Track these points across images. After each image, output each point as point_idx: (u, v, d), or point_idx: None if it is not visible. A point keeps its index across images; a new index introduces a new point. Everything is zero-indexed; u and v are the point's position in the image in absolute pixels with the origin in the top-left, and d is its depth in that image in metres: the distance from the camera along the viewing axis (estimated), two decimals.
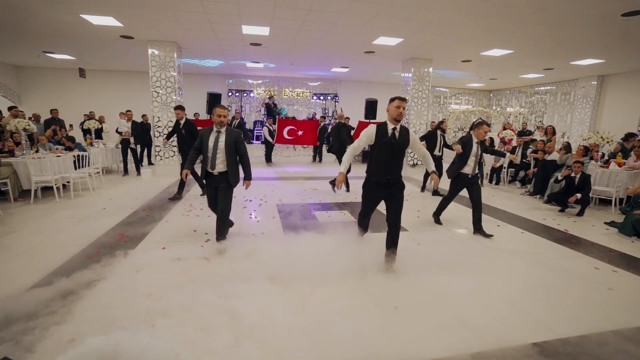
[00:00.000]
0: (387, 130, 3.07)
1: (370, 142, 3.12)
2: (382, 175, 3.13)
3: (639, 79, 10.14)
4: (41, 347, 2.08)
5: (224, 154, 3.54)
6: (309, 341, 2.20)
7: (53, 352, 2.00)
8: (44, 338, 2.15)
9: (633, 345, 2.28)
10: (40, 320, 2.33)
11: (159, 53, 7.99)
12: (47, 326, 2.26)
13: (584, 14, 5.47)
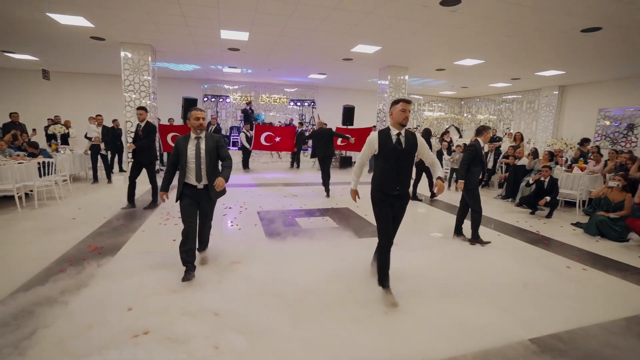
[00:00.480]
0: (390, 136, 2.75)
1: (374, 151, 2.79)
2: (391, 186, 2.78)
3: (595, 89, 10.92)
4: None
5: (207, 162, 3.08)
6: (311, 350, 2.17)
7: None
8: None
9: (615, 337, 2.45)
10: (4, 350, 2.11)
11: (132, 56, 7.71)
12: (11, 353, 2.08)
13: (548, 29, 5.83)
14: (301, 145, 11.78)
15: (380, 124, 10.44)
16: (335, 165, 12.21)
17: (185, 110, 10.07)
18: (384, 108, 10.18)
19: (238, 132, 13.33)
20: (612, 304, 2.95)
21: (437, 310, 2.67)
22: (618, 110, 10.51)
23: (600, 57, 7.65)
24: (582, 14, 5.11)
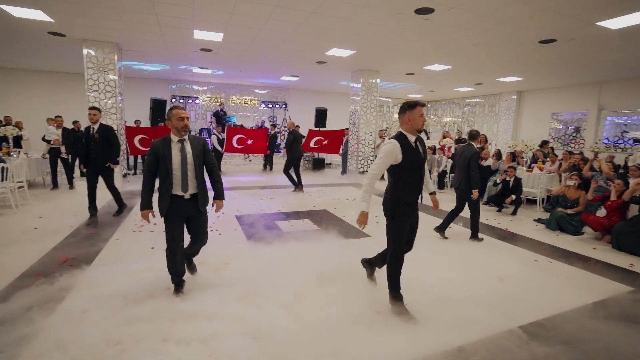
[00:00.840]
0: (410, 144, 2.57)
1: (396, 161, 2.57)
2: (415, 196, 2.68)
3: (548, 95, 11.82)
4: None
5: (194, 169, 2.76)
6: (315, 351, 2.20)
7: None
8: None
9: (588, 320, 2.71)
10: None
11: (96, 54, 7.29)
12: None
13: (511, 39, 6.25)
14: (274, 148, 11.72)
15: (352, 126, 10.61)
16: (308, 167, 12.26)
17: (154, 112, 9.65)
18: (356, 110, 10.36)
19: (208, 134, 12.98)
20: (579, 291, 3.23)
21: (425, 306, 2.78)
22: (568, 115, 11.45)
23: (554, 66, 8.31)
24: (540, 27, 5.53)
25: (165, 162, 2.67)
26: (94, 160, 4.99)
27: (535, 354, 2.26)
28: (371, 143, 10.47)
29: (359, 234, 4.80)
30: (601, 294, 3.19)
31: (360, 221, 2.64)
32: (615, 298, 3.13)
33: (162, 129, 9.36)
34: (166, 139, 2.71)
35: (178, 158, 2.70)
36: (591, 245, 4.69)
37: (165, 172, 2.68)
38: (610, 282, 3.47)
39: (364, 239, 4.65)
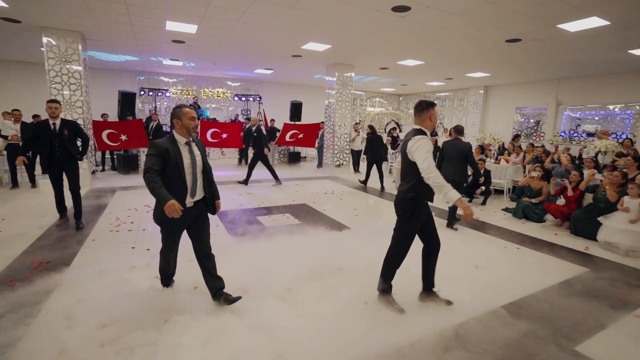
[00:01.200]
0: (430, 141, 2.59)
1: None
2: (433, 193, 2.63)
3: (513, 90, 12.47)
4: None
5: (201, 172, 2.57)
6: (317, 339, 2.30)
7: None
8: None
9: (557, 298, 3.05)
10: None
11: (57, 43, 6.83)
12: None
13: (480, 38, 6.55)
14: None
15: (328, 119, 10.69)
16: (283, 161, 12.24)
17: (122, 106, 9.19)
18: (331, 104, 10.44)
19: None
20: (545, 273, 3.55)
21: (411, 295, 2.94)
22: (530, 109, 12.17)
23: (518, 63, 8.79)
24: (507, 27, 5.85)
25: (176, 165, 2.39)
26: (59, 160, 4.42)
27: (519, 331, 2.50)
28: (346, 136, 10.62)
29: (340, 227, 4.94)
30: (564, 275, 3.52)
31: (469, 213, 2.43)
32: (576, 278, 3.47)
33: (131, 124, 8.98)
34: (172, 139, 2.44)
35: (188, 161, 2.47)
36: (552, 231, 5.10)
37: (174, 177, 2.41)
38: (570, 265, 3.82)
39: (345, 231, 4.79)
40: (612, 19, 5.17)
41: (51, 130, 4.34)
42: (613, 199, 4.52)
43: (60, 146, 4.40)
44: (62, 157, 4.43)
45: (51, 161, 4.43)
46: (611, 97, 9.86)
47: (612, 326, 2.64)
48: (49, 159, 4.40)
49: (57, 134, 4.36)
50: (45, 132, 4.31)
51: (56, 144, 4.38)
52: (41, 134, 4.31)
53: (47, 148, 4.33)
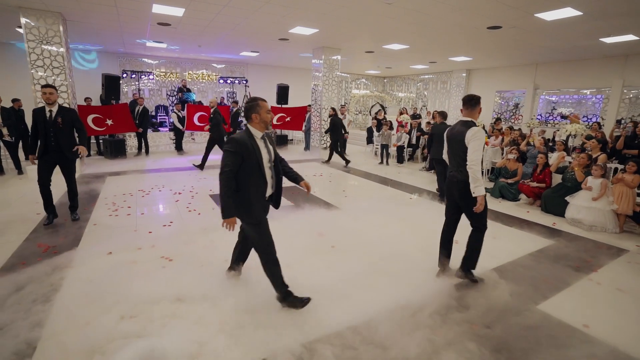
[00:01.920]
0: None
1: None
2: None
3: (493, 74, 12.85)
4: None
5: (276, 166, 2.54)
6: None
7: None
8: None
9: (532, 263, 3.55)
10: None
11: (37, 24, 6.62)
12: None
13: (463, 24, 6.78)
14: (237, 125, 11.59)
15: (315, 102, 10.81)
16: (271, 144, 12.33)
17: (107, 90, 9.00)
18: (318, 86, 10.54)
19: (165, 112, 12.43)
20: (519, 245, 4.00)
21: (410, 263, 3.35)
22: (509, 92, 12.62)
23: (499, 48, 9.10)
24: (489, 15, 6.09)
25: (256, 160, 2.35)
26: (54, 150, 4.10)
27: (508, 290, 2.96)
28: None
29: (330, 207, 5.24)
30: (535, 246, 3.97)
31: (482, 206, 2.77)
32: (544, 249, 3.92)
33: (116, 108, 8.87)
34: (249, 133, 2.39)
35: (267, 156, 2.43)
36: (525, 209, 5.55)
37: (255, 172, 2.37)
38: (539, 238, 4.26)
39: (335, 211, 5.10)
40: (585, 10, 5.48)
41: (46, 118, 4.04)
42: (580, 179, 4.97)
43: (55, 137, 4.09)
44: (61, 148, 4.11)
45: (44, 152, 4.09)
46: (584, 82, 10.37)
47: (570, 287, 3.08)
48: (43, 150, 4.08)
49: (52, 122, 4.07)
50: (39, 119, 4.04)
51: (51, 133, 4.07)
52: (37, 122, 4.05)
53: (42, 138, 4.05)
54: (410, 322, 2.46)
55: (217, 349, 2.15)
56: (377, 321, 2.46)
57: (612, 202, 4.54)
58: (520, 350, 2.24)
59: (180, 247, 3.64)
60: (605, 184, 4.65)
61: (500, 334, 2.40)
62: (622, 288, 3.09)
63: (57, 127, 4.09)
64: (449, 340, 2.30)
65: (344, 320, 2.46)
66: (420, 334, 2.32)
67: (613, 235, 4.41)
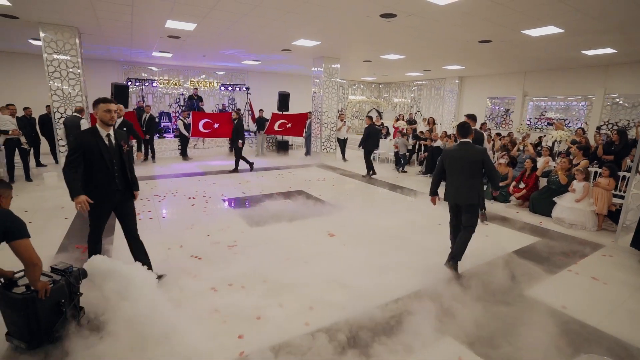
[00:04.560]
0: None
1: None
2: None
3: (485, 81, 13.45)
4: None
5: None
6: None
7: None
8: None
9: (520, 259, 3.93)
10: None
11: (54, 38, 6.97)
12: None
13: (456, 38, 7.29)
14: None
15: (315, 109, 11.25)
16: (272, 150, 12.76)
17: (116, 98, 9.34)
18: (318, 92, 10.99)
19: (168, 119, 12.76)
20: (508, 242, 4.46)
21: (428, 255, 3.82)
22: (500, 98, 13.21)
23: (490, 58, 9.65)
24: (479, 31, 6.62)
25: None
26: (115, 193, 2.88)
27: (499, 279, 3.44)
28: (333, 125, 11.23)
29: (336, 210, 5.65)
30: (523, 242, 4.47)
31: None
32: (531, 244, 4.40)
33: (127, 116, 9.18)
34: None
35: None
36: (514, 210, 6.04)
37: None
38: (527, 236, 4.73)
39: (341, 213, 5.50)
40: (566, 28, 6.02)
41: (107, 145, 2.80)
42: (564, 182, 5.47)
43: (120, 171, 2.90)
44: (122, 188, 2.93)
45: (105, 196, 2.83)
46: (570, 89, 10.98)
47: (552, 276, 3.55)
48: (105, 192, 2.83)
49: (115, 150, 2.85)
50: (94, 148, 2.74)
51: (115, 167, 2.85)
52: (87, 151, 2.72)
53: (103, 177, 2.80)
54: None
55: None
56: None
57: (592, 204, 5.04)
58: (509, 324, 2.69)
59: (206, 247, 4.03)
60: (587, 186, 5.15)
61: (491, 313, 2.84)
62: (596, 276, 3.57)
63: (122, 156, 2.91)
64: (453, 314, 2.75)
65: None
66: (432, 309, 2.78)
67: (592, 233, 4.91)
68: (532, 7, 5.11)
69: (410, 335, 2.51)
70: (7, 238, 2.09)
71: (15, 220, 2.16)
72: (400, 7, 5.40)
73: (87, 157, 2.75)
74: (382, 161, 10.98)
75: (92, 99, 3.04)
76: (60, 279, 2.42)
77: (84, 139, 2.76)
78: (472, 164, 3.41)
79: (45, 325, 2.30)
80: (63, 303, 2.38)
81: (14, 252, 2.13)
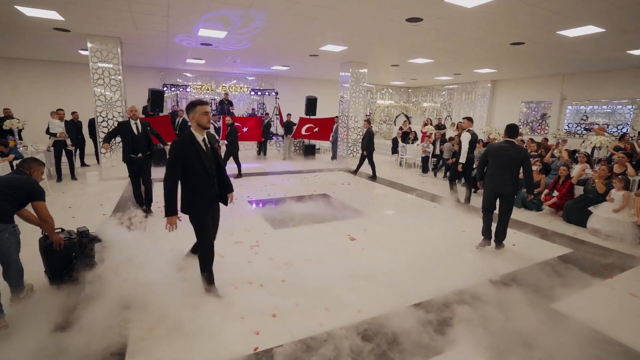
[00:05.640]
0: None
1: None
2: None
3: (519, 84, 12.91)
4: None
5: None
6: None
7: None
8: None
9: (556, 272, 3.72)
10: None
11: (99, 48, 7.54)
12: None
13: (486, 42, 7.10)
14: (268, 135, 12.28)
15: (342, 113, 11.30)
16: (299, 153, 12.94)
17: (152, 104, 9.90)
18: (346, 98, 11.03)
19: None
20: (539, 252, 4.27)
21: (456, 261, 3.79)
22: (535, 103, 12.62)
23: (524, 62, 9.28)
24: (511, 33, 6.39)
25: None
26: (215, 197, 3.15)
27: (526, 290, 3.29)
28: (359, 130, 11.22)
29: (358, 215, 5.64)
30: (554, 253, 4.26)
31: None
32: (564, 256, 4.17)
33: (160, 120, 9.71)
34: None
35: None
36: (547, 219, 5.74)
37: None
38: (559, 247, 4.49)
39: (362, 218, 5.49)
40: (607, 27, 5.69)
41: (205, 151, 2.83)
42: (601, 191, 5.15)
43: (218, 176, 3.32)
44: (219, 194, 3.35)
45: (209, 205, 3.18)
46: (615, 92, 10.28)
47: (585, 291, 3.36)
48: (209, 200, 3.07)
49: (211, 154, 2.93)
50: (195, 157, 2.78)
51: (214, 173, 3.06)
52: (188, 160, 2.79)
53: (206, 184, 2.90)
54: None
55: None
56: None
57: (633, 214, 4.70)
58: (536, 339, 2.57)
59: (229, 246, 4.18)
60: (627, 196, 4.82)
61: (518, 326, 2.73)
62: (635, 293, 3.33)
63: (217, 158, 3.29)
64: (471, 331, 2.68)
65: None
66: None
67: (632, 246, 4.57)
68: (568, 7, 4.88)
69: (426, 343, 2.48)
70: (32, 199, 2.79)
71: (39, 188, 2.87)
72: (426, 11, 5.35)
73: (188, 167, 2.65)
74: (409, 166, 10.81)
75: (131, 104, 3.27)
76: (74, 238, 3.21)
77: (184, 148, 2.65)
78: (515, 161, 4.03)
79: (60, 268, 3.11)
80: (74, 256, 3.17)
81: (34, 209, 2.84)
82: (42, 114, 9.43)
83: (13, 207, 2.68)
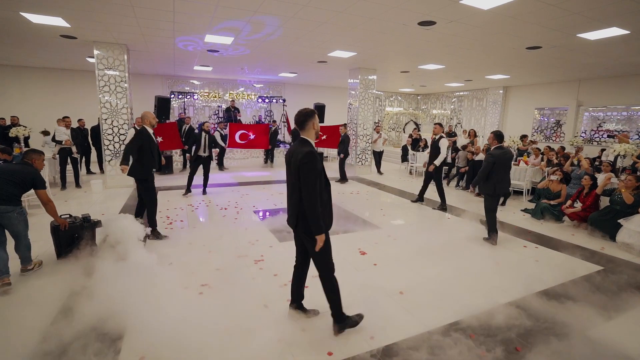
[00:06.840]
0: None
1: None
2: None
3: (532, 91, 12.56)
4: None
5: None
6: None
7: None
8: None
9: (585, 293, 3.41)
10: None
11: (106, 55, 7.48)
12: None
13: (501, 46, 6.83)
14: (275, 143, 12.11)
15: (351, 120, 11.09)
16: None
17: (159, 110, 9.83)
18: (354, 103, 10.83)
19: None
20: (562, 270, 3.93)
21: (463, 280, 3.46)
22: (549, 109, 12.24)
23: (538, 67, 8.97)
24: (527, 37, 6.13)
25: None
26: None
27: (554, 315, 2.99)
28: (368, 137, 10.98)
29: (371, 227, 5.37)
30: (582, 271, 3.90)
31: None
32: (592, 275, 3.82)
33: (166, 127, 9.61)
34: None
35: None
36: (569, 232, 5.39)
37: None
38: (586, 263, 4.15)
39: (376, 230, 5.22)
40: (632, 29, 5.38)
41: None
42: (629, 202, 4.80)
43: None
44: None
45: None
46: (634, 97, 9.89)
47: (622, 314, 3.02)
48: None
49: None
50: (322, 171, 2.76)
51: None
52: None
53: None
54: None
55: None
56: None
57: None
58: None
59: (232, 260, 3.94)
60: None
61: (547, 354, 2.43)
62: None
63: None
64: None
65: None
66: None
67: None
68: (591, 7, 4.61)
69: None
70: (35, 187, 3.41)
71: (40, 178, 3.46)
72: (439, 14, 5.13)
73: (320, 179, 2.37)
74: (419, 174, 10.51)
75: (138, 112, 3.25)
76: (78, 222, 3.91)
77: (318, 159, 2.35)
78: (510, 162, 4.75)
79: (65, 246, 3.83)
80: (76, 237, 3.89)
81: (36, 195, 3.43)
82: (49, 121, 9.42)
83: (20, 192, 3.32)
